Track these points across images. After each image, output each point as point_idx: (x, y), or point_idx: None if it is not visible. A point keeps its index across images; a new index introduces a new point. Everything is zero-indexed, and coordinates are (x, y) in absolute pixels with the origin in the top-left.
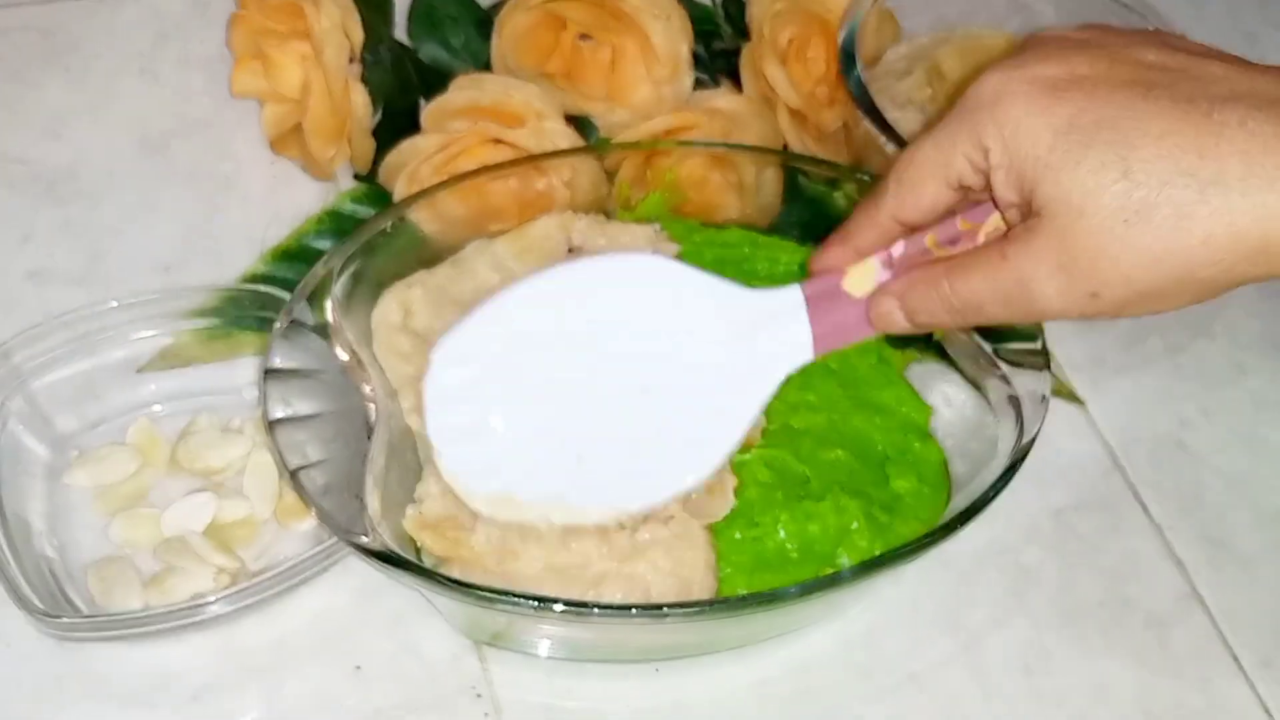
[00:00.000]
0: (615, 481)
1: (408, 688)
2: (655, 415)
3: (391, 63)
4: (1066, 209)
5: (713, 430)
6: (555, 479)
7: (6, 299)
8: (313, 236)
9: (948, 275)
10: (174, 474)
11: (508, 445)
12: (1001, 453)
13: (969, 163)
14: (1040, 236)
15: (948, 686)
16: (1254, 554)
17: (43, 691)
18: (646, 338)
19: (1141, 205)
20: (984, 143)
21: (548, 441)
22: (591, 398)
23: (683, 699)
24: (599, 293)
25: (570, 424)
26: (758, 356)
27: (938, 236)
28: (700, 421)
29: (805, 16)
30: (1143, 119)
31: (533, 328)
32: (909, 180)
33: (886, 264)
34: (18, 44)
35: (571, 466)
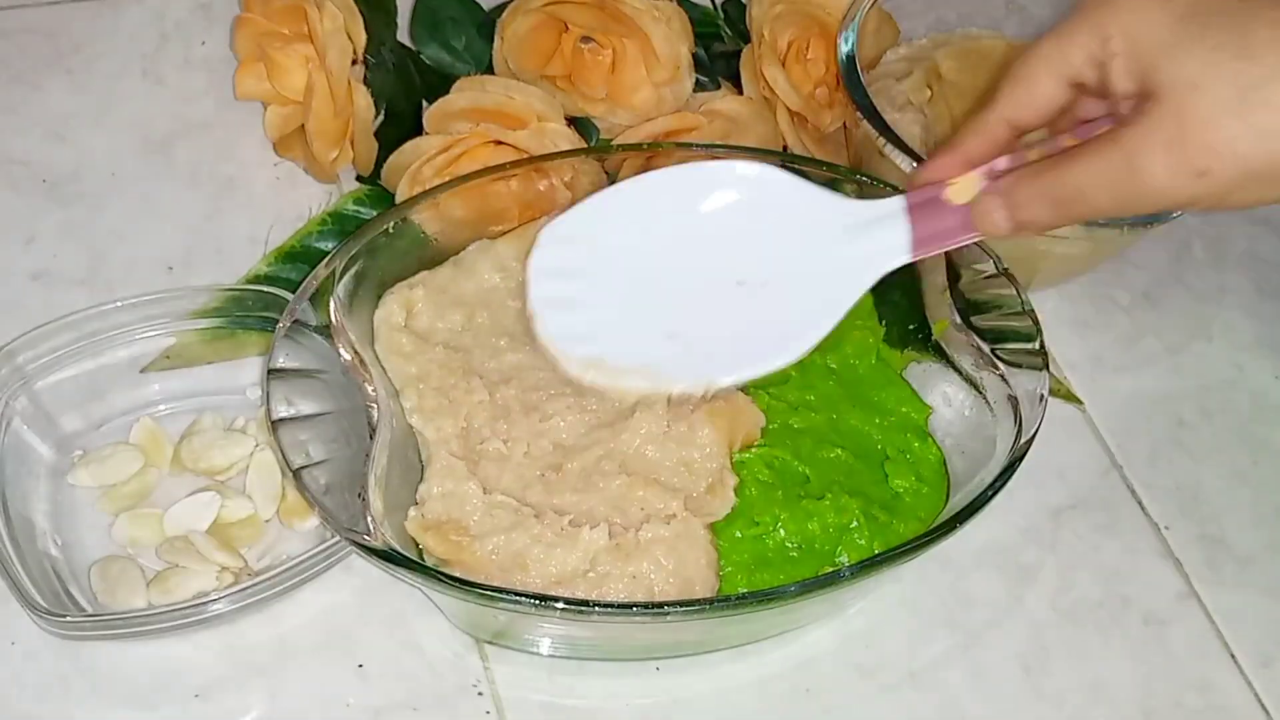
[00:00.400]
0: (704, 359)
1: (410, 686)
2: (748, 304)
3: (394, 65)
4: (1184, 86)
5: (805, 318)
6: (647, 350)
7: (11, 300)
8: (315, 237)
9: (1054, 166)
10: (177, 473)
11: (603, 315)
12: (1000, 452)
13: (1087, 55)
14: (1154, 116)
15: (947, 685)
16: (1252, 553)
17: (47, 690)
18: (747, 235)
19: (1258, 81)
20: (1105, 31)
21: (642, 316)
22: (687, 283)
23: (683, 697)
24: (706, 192)
25: (665, 304)
26: (855, 256)
27: (1043, 150)
28: (792, 311)
29: (805, 19)
30: (1259, 10)
31: (639, 218)
32: (1025, 76)
33: (989, 176)
34: (21, 46)
35: (663, 341)
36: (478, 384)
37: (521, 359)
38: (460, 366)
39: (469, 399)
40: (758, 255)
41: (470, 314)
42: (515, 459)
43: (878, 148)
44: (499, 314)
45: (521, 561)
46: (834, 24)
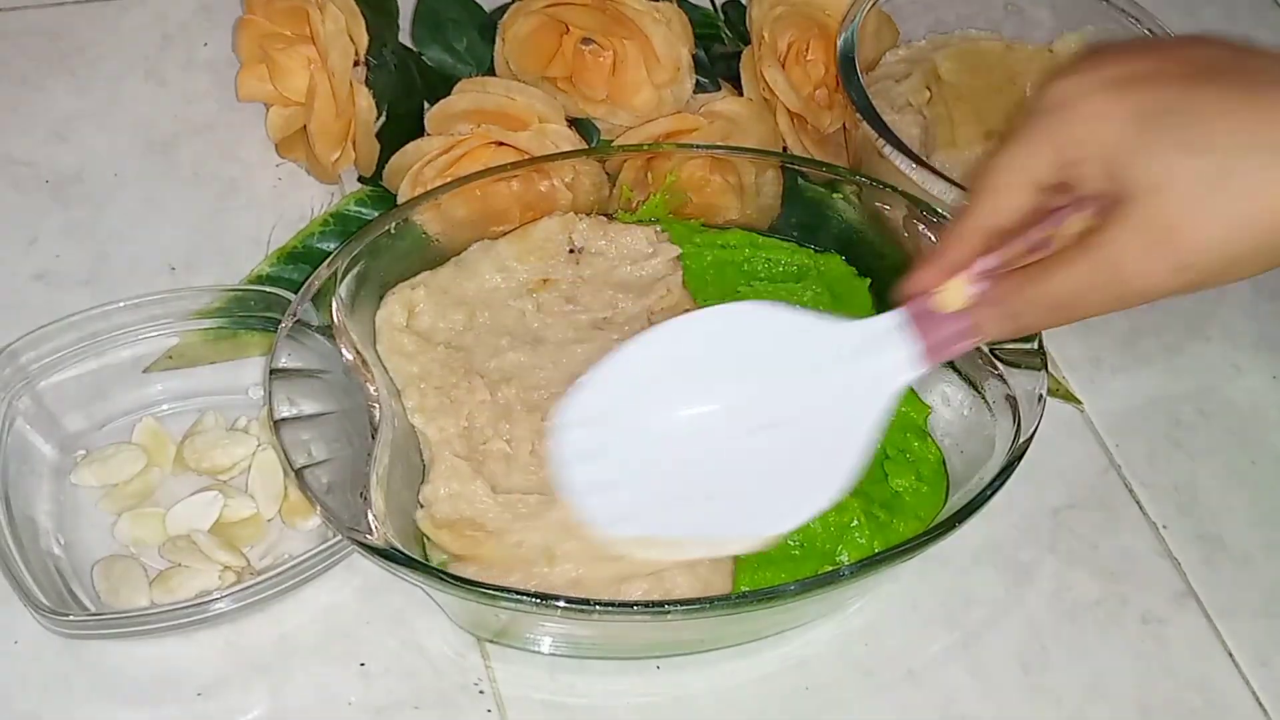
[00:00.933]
0: (749, 513)
1: (411, 684)
2: (777, 448)
3: (396, 66)
4: (1153, 188)
5: (835, 450)
6: (693, 519)
7: (14, 300)
8: (318, 238)
9: (1043, 273)
10: (180, 473)
11: (642, 493)
12: (999, 452)
13: (1053, 162)
14: (1130, 220)
15: (946, 683)
16: (1249, 552)
17: (50, 689)
18: (757, 378)
19: (1220, 173)
20: (1070, 137)
21: (679, 486)
22: (712, 440)
23: (684, 695)
24: (706, 343)
25: (696, 466)
26: (866, 377)
27: (1019, 248)
28: (821, 446)
29: (804, 21)
30: (1209, 102)
31: (649, 384)
32: (994, 187)
33: (973, 280)
34: (24, 47)
35: (706, 504)
36: (479, 383)
37: (523, 358)
38: (462, 366)
39: (471, 398)
40: (771, 397)
41: (472, 314)
42: (521, 458)
43: (877, 149)
44: (500, 314)
45: (549, 554)
46: (834, 26)
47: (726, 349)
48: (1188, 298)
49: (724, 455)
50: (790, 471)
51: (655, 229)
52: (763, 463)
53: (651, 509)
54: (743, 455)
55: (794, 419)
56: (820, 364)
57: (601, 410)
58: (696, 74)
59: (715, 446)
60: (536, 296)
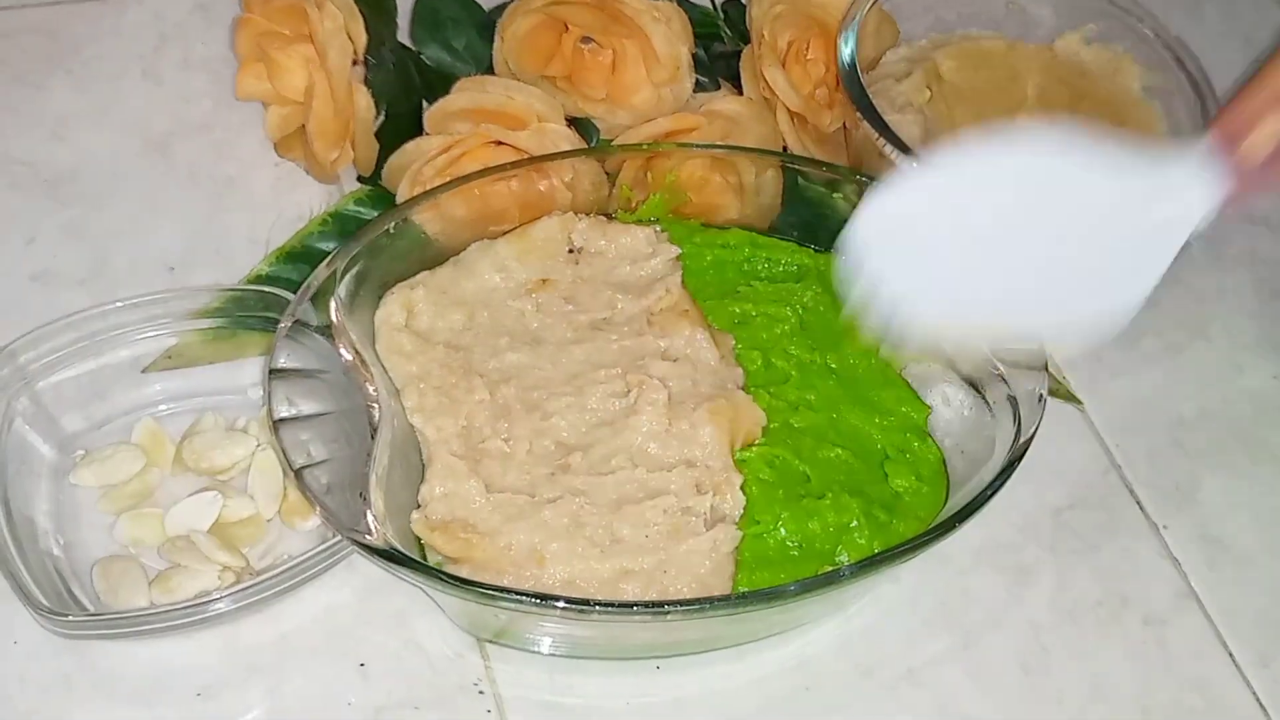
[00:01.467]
0: (1039, 324)
1: (411, 684)
2: (1073, 269)
3: (394, 65)
4: None
5: (1129, 276)
6: (984, 315)
7: (12, 300)
8: (316, 238)
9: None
10: (179, 473)
11: (940, 284)
12: (999, 452)
13: None
14: None
15: (946, 683)
16: (1250, 553)
17: (49, 689)
18: (1055, 207)
19: None
20: None
21: (976, 284)
22: (1011, 255)
23: (683, 696)
24: (1017, 168)
25: (993, 276)
26: (1164, 216)
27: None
28: (1115, 272)
29: (805, 20)
30: None
31: (955, 194)
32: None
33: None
34: (21, 46)
35: (996, 309)
36: (478, 383)
37: (522, 358)
38: (461, 366)
39: (469, 398)
40: (1073, 220)
41: (471, 314)
42: (519, 457)
43: (877, 148)
44: (499, 313)
45: (538, 556)
46: (834, 24)
47: (1035, 175)
48: (1188, 298)
49: (1020, 269)
50: (1082, 295)
51: (655, 229)
52: (1054, 285)
53: (948, 302)
54: (1039, 272)
55: (1088, 242)
56: (1119, 197)
57: (908, 210)
58: (696, 73)
59: (1011, 260)
60: (535, 296)
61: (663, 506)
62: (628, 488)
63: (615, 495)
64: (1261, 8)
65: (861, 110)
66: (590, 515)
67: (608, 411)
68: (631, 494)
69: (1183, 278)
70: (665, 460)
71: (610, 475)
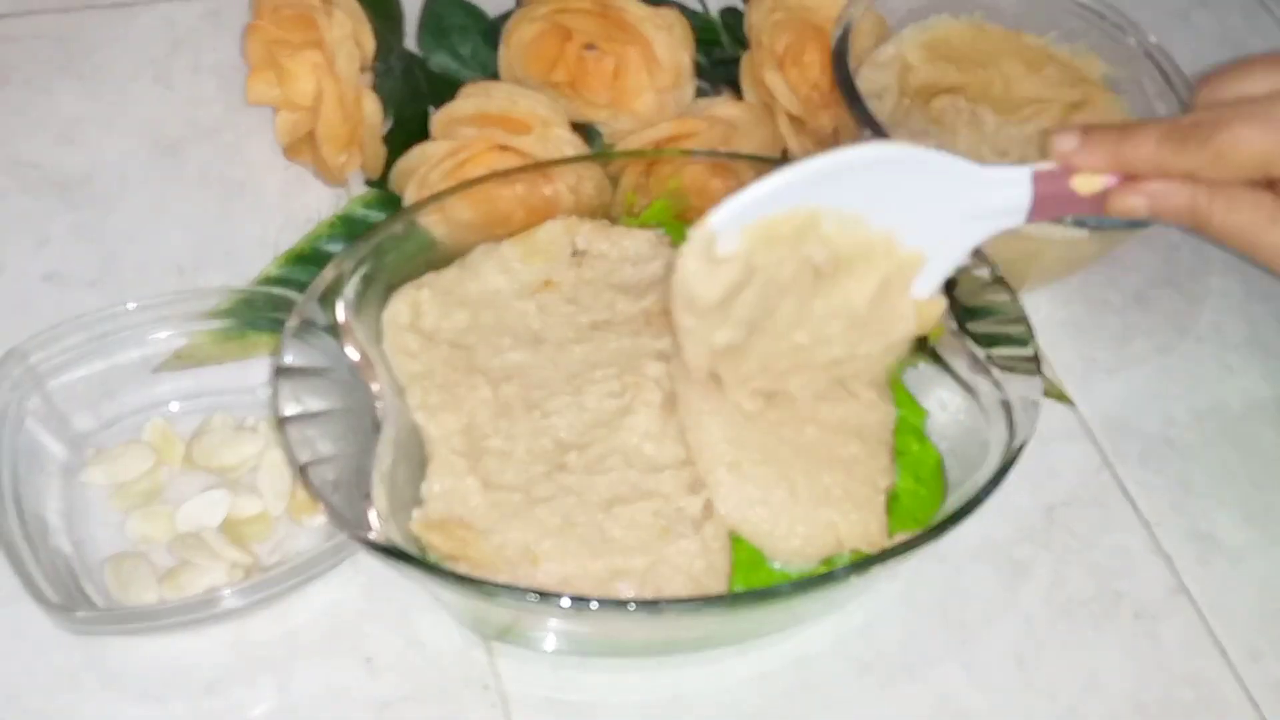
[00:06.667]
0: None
1: (417, 680)
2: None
3: (402, 72)
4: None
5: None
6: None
7: (24, 301)
8: (325, 240)
9: (1212, 202)
10: (189, 471)
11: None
12: (993, 456)
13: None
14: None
15: (943, 679)
16: (1240, 549)
17: (59, 684)
18: (889, 190)
19: None
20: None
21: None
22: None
23: (684, 692)
24: (849, 168)
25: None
26: (974, 214)
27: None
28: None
29: (801, 24)
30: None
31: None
32: (1232, 161)
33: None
34: (33, 51)
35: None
36: (481, 381)
37: (524, 358)
38: (464, 364)
39: (472, 395)
40: (889, 206)
41: (475, 314)
42: (517, 455)
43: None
44: (503, 314)
45: (531, 555)
46: (828, 27)
47: (869, 174)
48: (1179, 299)
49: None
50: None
51: (658, 232)
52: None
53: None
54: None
55: (899, 226)
56: (941, 190)
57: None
58: (697, 78)
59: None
60: (538, 297)
61: (653, 507)
62: (620, 488)
63: (607, 495)
64: (1251, 14)
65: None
66: (581, 514)
67: (604, 411)
68: (624, 494)
69: (1173, 279)
70: (659, 461)
71: (603, 475)
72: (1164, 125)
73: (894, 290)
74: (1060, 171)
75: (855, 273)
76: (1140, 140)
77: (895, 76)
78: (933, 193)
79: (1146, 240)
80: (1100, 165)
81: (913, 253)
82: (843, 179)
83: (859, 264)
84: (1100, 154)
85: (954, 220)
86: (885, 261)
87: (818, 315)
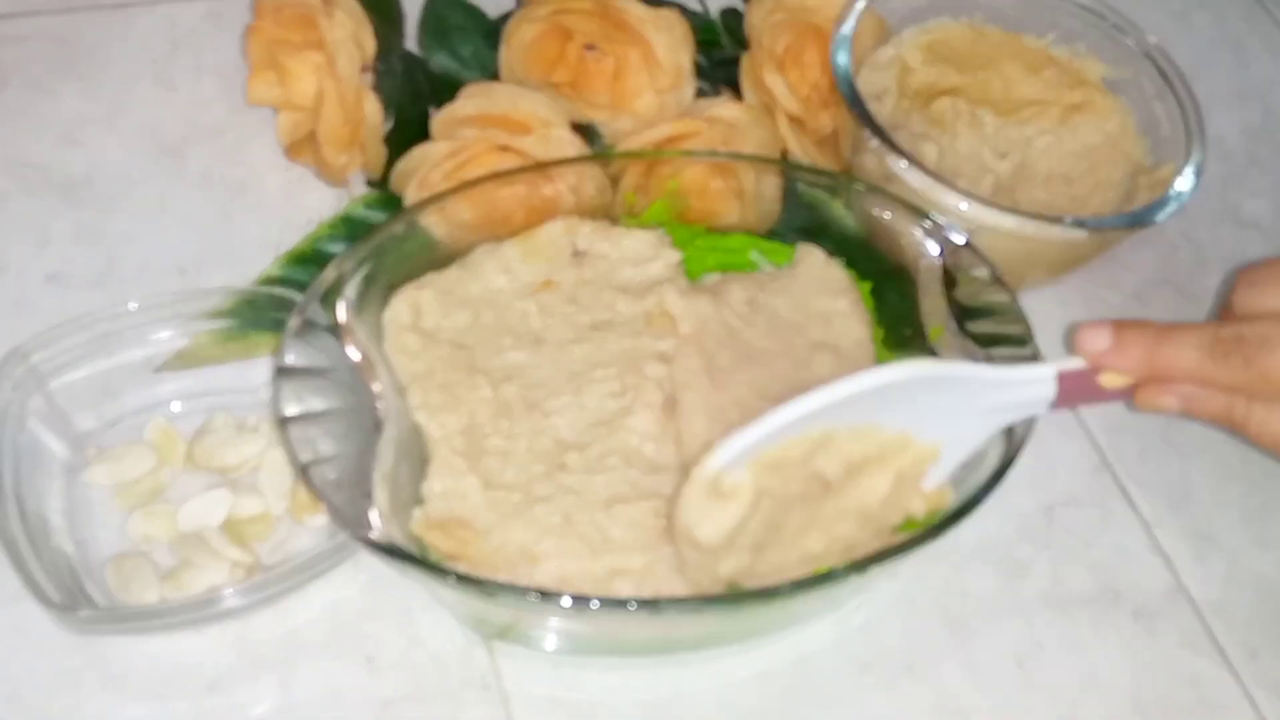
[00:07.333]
0: None
1: (418, 679)
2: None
3: (403, 72)
4: None
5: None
6: None
7: (26, 301)
8: (326, 240)
9: (1250, 410)
10: (190, 471)
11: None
12: (993, 456)
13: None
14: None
15: (942, 678)
16: (1239, 548)
17: (61, 684)
18: (897, 408)
19: None
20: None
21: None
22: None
23: (685, 691)
24: (863, 394)
25: None
26: (994, 411)
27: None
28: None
29: (801, 24)
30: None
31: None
32: (1272, 370)
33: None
34: (34, 52)
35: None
36: (481, 381)
37: (524, 358)
38: (465, 364)
39: (473, 395)
40: (913, 410)
41: (476, 314)
42: (517, 455)
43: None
44: (504, 314)
45: (530, 554)
46: (828, 28)
47: (883, 396)
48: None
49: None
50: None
51: (658, 233)
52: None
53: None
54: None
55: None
56: (971, 394)
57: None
58: (698, 79)
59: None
60: (539, 298)
61: (653, 508)
62: (620, 488)
63: (606, 494)
64: (1251, 15)
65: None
66: (581, 514)
67: (605, 411)
68: (624, 494)
69: (1173, 279)
70: (659, 461)
71: (603, 475)
72: (1205, 335)
73: (908, 483)
74: (1088, 371)
75: (868, 474)
76: (1179, 349)
77: (895, 78)
78: (954, 398)
79: (1146, 240)
80: (1134, 370)
81: (929, 446)
82: (859, 402)
83: (872, 465)
84: (1134, 358)
85: (974, 416)
86: (900, 457)
87: (828, 518)
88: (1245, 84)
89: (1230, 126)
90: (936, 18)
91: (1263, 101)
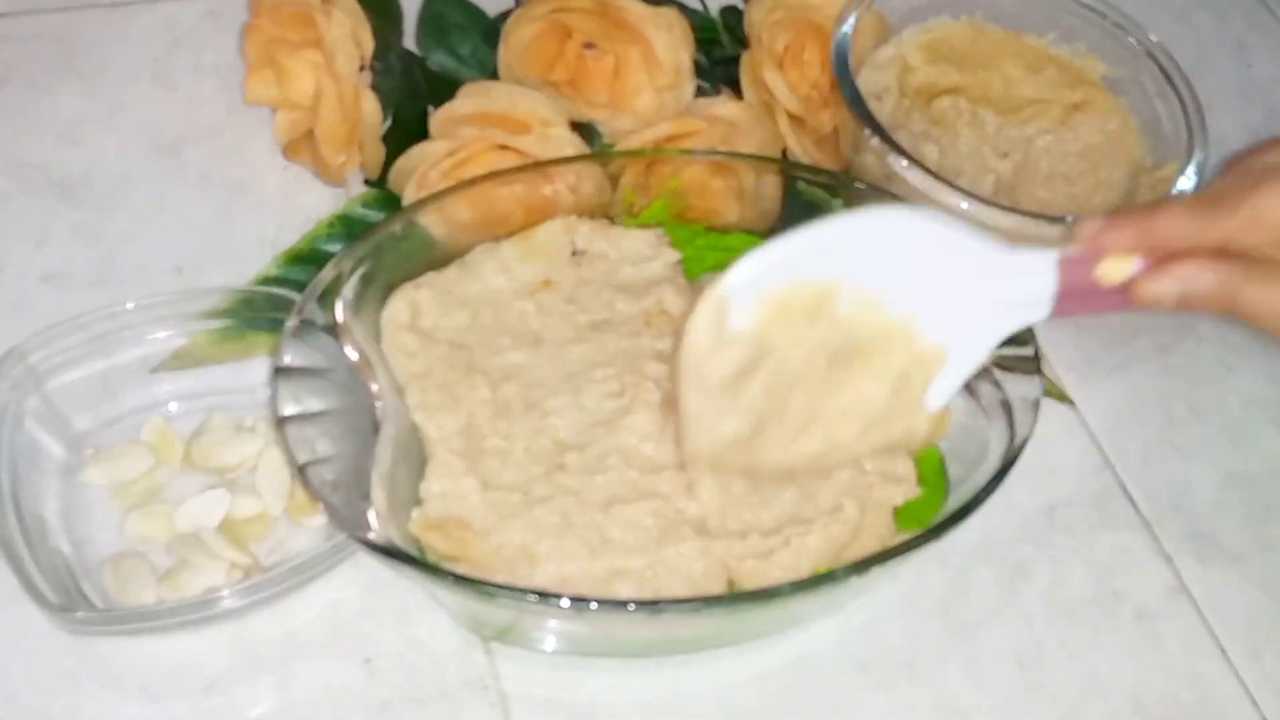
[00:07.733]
0: None
1: (416, 680)
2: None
3: (401, 71)
4: None
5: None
6: None
7: (23, 301)
8: (324, 240)
9: (1246, 281)
10: (188, 471)
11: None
12: (993, 456)
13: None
14: None
15: (943, 679)
16: (1240, 549)
17: (59, 685)
18: (902, 271)
19: None
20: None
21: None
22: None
23: (684, 691)
24: (870, 238)
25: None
26: (997, 305)
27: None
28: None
29: (800, 23)
30: None
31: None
32: (1266, 223)
33: (1147, 256)
34: (33, 51)
35: None
36: (480, 381)
37: (523, 358)
38: (463, 364)
39: (471, 395)
40: (909, 289)
41: (474, 314)
42: (516, 455)
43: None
44: (502, 314)
45: (530, 555)
46: (828, 26)
47: (882, 248)
48: None
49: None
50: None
51: (657, 232)
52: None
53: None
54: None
55: (918, 314)
56: (959, 274)
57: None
58: (697, 78)
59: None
60: (537, 297)
61: (652, 508)
62: (619, 488)
63: (606, 495)
64: (1251, 14)
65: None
66: (580, 514)
67: (604, 411)
68: (622, 494)
69: None
70: (658, 461)
71: (602, 475)
72: (1192, 197)
73: (912, 388)
74: (1087, 256)
75: (872, 364)
76: (1169, 214)
77: (895, 77)
78: (953, 276)
79: None
80: (1129, 244)
81: (933, 347)
82: (861, 250)
83: (876, 354)
84: (1128, 232)
85: (974, 312)
86: (904, 353)
87: (831, 414)
88: (1247, 83)
89: (1232, 126)
90: (937, 16)
91: (1265, 101)
